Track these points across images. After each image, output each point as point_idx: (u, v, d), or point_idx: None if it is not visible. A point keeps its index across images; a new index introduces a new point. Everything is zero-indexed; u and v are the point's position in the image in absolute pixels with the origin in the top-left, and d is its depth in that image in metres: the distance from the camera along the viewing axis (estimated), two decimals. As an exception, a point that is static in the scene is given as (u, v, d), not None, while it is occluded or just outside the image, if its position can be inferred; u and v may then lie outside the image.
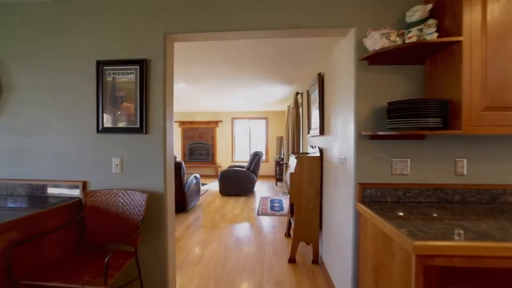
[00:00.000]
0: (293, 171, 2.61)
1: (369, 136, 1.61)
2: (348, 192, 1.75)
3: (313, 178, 2.60)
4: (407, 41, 1.43)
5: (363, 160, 1.62)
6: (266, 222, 4.04)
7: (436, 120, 1.34)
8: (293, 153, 3.31)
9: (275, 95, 5.78)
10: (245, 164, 6.91)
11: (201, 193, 6.00)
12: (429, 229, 1.07)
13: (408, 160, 1.60)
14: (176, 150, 9.07)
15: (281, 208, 4.72)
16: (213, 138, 8.93)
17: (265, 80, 4.35)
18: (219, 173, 5.79)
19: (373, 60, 1.59)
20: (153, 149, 1.74)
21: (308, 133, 3.39)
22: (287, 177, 3.07)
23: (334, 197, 2.14)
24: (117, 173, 1.76)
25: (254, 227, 3.81)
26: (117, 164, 1.76)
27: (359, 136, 1.62)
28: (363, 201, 1.59)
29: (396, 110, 1.44)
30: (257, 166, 5.86)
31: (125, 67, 1.74)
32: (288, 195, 2.77)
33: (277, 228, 3.76)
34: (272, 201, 5.27)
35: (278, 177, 7.16)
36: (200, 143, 8.98)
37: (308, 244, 2.68)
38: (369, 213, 1.40)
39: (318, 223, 2.63)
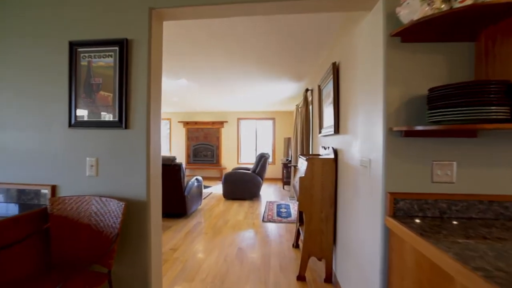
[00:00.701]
0: (303, 175, 2.27)
1: (402, 133, 1.26)
2: (373, 203, 1.40)
3: (326, 183, 2.25)
4: (456, 6, 1.08)
5: (394, 163, 1.28)
6: (272, 230, 3.70)
7: (502, 110, 0.99)
8: (302, 154, 2.97)
9: (282, 94, 5.46)
10: (251, 166, 6.59)
11: (203, 197, 5.71)
12: (511, 267, 0.73)
13: (454, 163, 1.24)
14: (180, 151, 8.83)
15: (289, 214, 4.37)
16: (218, 139, 8.65)
17: (271, 76, 4.03)
18: (223, 176, 5.49)
19: (407, 36, 1.25)
20: (135, 148, 1.43)
21: (320, 132, 3.05)
22: (295, 181, 2.74)
23: (352, 206, 1.80)
24: (91, 176, 1.47)
25: (258, 235, 3.47)
26: (91, 166, 1.46)
27: (389, 133, 1.28)
28: (395, 215, 1.24)
29: (443, 97, 1.09)
30: (263, 168, 5.53)
31: (103, 48, 1.45)
32: (296, 201, 2.43)
33: (284, 237, 3.42)
34: (278, 206, 4.93)
35: (286, 180, 6.81)
36: (205, 144, 8.71)
37: (320, 259, 2.33)
38: (407, 233, 1.06)
39: (332, 235, 2.28)
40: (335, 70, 2.26)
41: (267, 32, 2.47)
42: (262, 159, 5.59)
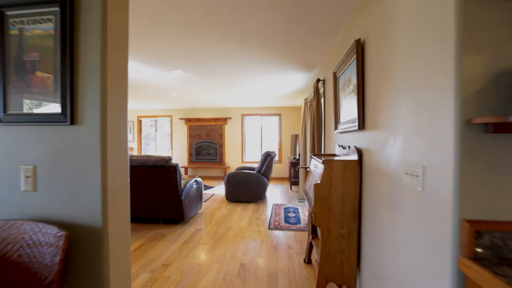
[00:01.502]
0: (319, 182, 1.82)
1: (490, 127, 0.80)
2: (432, 233, 0.95)
3: (348, 191, 1.80)
4: None
5: (475, 173, 0.82)
6: (280, 239, 3.27)
7: None
8: (315, 155, 2.51)
9: (289, 87, 4.98)
10: (256, 166, 6.15)
11: (205, 199, 5.30)
12: None
13: None
14: (182, 149, 8.45)
15: (298, 220, 3.93)
16: (221, 136, 8.23)
17: (277, 65, 3.56)
18: (226, 176, 5.07)
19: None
20: (86, 151, 1.01)
21: (336, 128, 2.59)
22: (308, 187, 2.29)
23: (389, 227, 1.34)
24: (28, 191, 1.05)
25: (264, 246, 3.04)
26: (27, 177, 1.04)
27: (466, 127, 0.82)
28: (476, 257, 0.79)
29: None
30: (269, 168, 5.08)
31: (39, 10, 1.02)
32: (311, 214, 1.98)
33: (293, 249, 2.98)
34: (286, 209, 4.48)
35: (293, 180, 6.35)
36: (208, 142, 8.31)
37: (340, 286, 1.88)
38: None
39: (356, 256, 1.83)
40: (359, 49, 1.79)
41: (269, 8, 2.01)
42: (268, 158, 5.14)
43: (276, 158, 7.84)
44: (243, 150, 8.19)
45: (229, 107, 8.17)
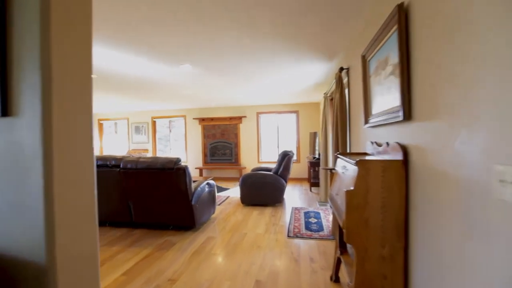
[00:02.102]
0: (352, 188, 1.43)
1: None
2: None
3: (390, 200, 1.40)
4: None
5: None
6: (301, 249, 2.89)
7: None
8: (342, 154, 2.12)
9: (307, 80, 4.57)
10: (274, 166, 5.78)
11: (219, 202, 5.01)
12: None
13: None
14: (196, 150, 8.25)
15: (320, 227, 3.53)
16: (236, 136, 7.94)
17: (292, 55, 3.18)
18: (240, 178, 4.75)
19: None
20: (23, 154, 0.70)
21: (366, 122, 2.18)
22: (334, 192, 1.91)
23: (464, 253, 0.94)
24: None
25: (283, 258, 2.68)
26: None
27: None
28: None
29: None
30: (286, 169, 4.70)
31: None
32: (342, 228, 1.59)
33: (317, 262, 2.59)
34: (306, 214, 4.09)
35: (313, 181, 5.92)
36: (222, 141, 8.05)
37: (381, 321, 1.48)
38: None
39: (402, 284, 1.42)
40: (402, 16, 1.38)
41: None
42: (285, 158, 4.76)
43: (294, 157, 7.43)
44: (259, 150, 7.85)
45: (243, 105, 7.87)
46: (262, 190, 4.61)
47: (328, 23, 2.36)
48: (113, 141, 8.87)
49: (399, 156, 1.43)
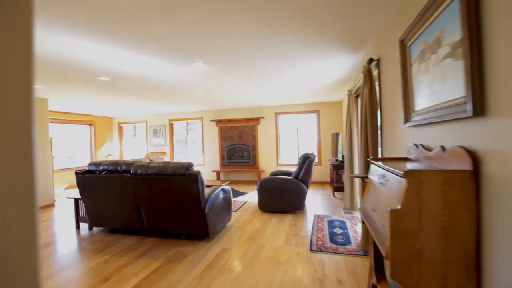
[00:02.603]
0: (399, 207, 1.08)
1: None
2: None
3: (454, 225, 1.04)
4: None
5: None
6: (326, 267, 2.54)
7: None
8: (376, 159, 1.76)
9: (329, 77, 4.19)
10: (293, 169, 5.44)
11: (236, 208, 4.75)
12: None
13: None
14: (213, 152, 8.07)
15: (347, 239, 3.14)
16: (254, 137, 7.67)
17: (313, 48, 2.84)
18: (258, 182, 4.46)
19: None
20: None
21: (406, 120, 1.80)
22: (369, 207, 1.56)
23: None
24: None
25: (306, 278, 2.34)
26: None
27: None
28: None
29: None
30: (307, 173, 4.34)
31: None
32: (385, 258, 1.24)
33: (346, 285, 2.23)
34: (331, 223, 3.71)
35: (336, 186, 5.50)
36: (240, 143, 7.82)
37: None
38: None
39: None
40: (469, -24, 1.02)
41: None
42: (306, 162, 4.41)
43: (315, 160, 7.03)
44: (278, 152, 7.52)
45: (261, 106, 7.59)
46: (282, 196, 4.28)
47: (355, 5, 2.01)
48: (133, 145, 8.94)
49: (465, 165, 1.06)
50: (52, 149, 5.78)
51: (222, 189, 3.59)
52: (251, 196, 5.75)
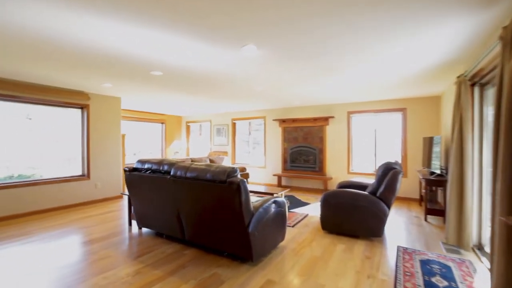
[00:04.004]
0: None
1: None
2: None
3: None
4: None
5: None
6: None
7: None
8: None
9: (425, 58, 3.00)
10: (368, 181, 4.34)
11: (295, 222, 3.99)
12: None
13: None
14: (276, 155, 7.46)
15: (457, 300, 2.02)
16: (321, 140, 6.72)
17: (412, 8, 1.86)
18: (322, 196, 3.61)
19: None
20: None
21: None
22: None
23: None
24: None
25: None
26: None
27: None
28: None
29: None
30: (390, 189, 3.24)
31: None
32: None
33: None
34: (426, 266, 2.58)
35: (430, 208, 4.12)
36: (305, 146, 6.98)
37: None
38: None
39: None
40: None
41: None
42: (390, 174, 3.32)
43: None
44: (350, 158, 6.37)
45: (331, 104, 6.58)
46: (352, 215, 3.32)
47: None
48: (198, 143, 9.15)
49: None
50: (125, 144, 6.19)
51: (275, 202, 2.91)
52: (314, 209, 4.88)
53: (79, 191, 5.02)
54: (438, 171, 4.09)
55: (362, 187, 4.08)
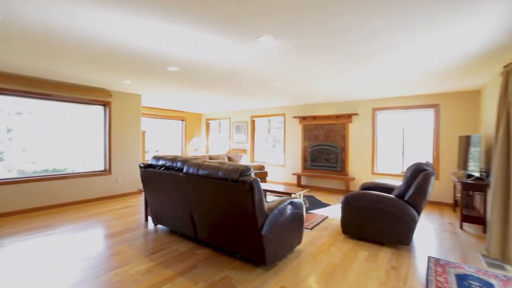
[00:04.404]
0: None
1: None
2: None
3: None
4: None
5: None
6: None
7: None
8: None
9: (465, 45, 2.63)
10: (394, 183, 4.01)
11: (313, 223, 3.78)
12: None
13: None
14: (295, 153, 7.23)
15: (503, 326, 1.73)
16: (343, 138, 6.39)
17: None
18: (343, 197, 3.36)
19: None
20: None
21: None
22: None
23: None
24: None
25: None
26: None
27: None
28: None
29: None
30: (421, 193, 2.93)
31: None
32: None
33: None
34: (462, 281, 2.27)
35: (466, 214, 3.72)
36: (326, 145, 6.69)
37: None
38: None
39: None
40: None
41: None
42: (420, 175, 3.00)
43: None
44: (374, 158, 5.99)
45: (354, 100, 6.22)
46: (377, 220, 3.05)
47: None
48: (217, 140, 9.14)
49: None
50: (145, 141, 6.29)
51: (291, 203, 2.73)
52: (335, 210, 4.62)
53: (101, 186, 5.16)
54: (476, 174, 3.66)
55: (388, 189, 3.76)
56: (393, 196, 3.05)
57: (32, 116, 4.49)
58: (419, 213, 2.93)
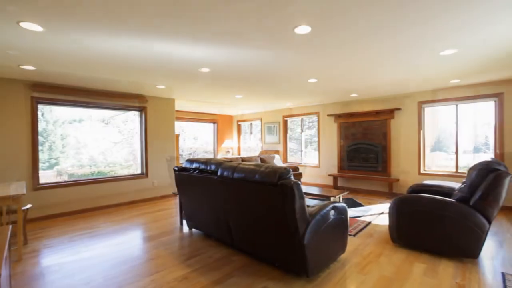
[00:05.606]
0: None
1: None
2: None
3: None
4: None
5: None
6: None
7: None
8: None
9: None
10: (449, 184, 3.52)
11: (356, 230, 3.46)
12: None
13: None
14: (331, 153, 6.85)
15: None
16: (385, 136, 5.89)
17: None
18: (392, 201, 3.02)
19: None
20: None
21: None
22: None
23: None
24: None
25: None
26: None
27: None
28: None
29: None
30: (493, 196, 2.47)
31: None
32: None
33: None
34: (556, 307, 1.83)
35: (547, 222, 3.11)
36: (365, 143, 6.23)
37: None
38: None
39: None
40: None
41: None
42: (490, 176, 2.55)
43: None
44: (421, 157, 5.41)
45: (396, 94, 5.69)
46: (435, 228, 2.66)
47: None
48: (249, 142, 9.06)
49: None
50: (179, 144, 6.41)
51: (334, 207, 2.48)
52: (379, 215, 4.22)
53: (139, 189, 5.33)
54: (559, 174, 3.05)
55: (443, 192, 3.30)
56: (454, 201, 2.64)
57: (80, 124, 4.80)
58: (489, 221, 2.48)
